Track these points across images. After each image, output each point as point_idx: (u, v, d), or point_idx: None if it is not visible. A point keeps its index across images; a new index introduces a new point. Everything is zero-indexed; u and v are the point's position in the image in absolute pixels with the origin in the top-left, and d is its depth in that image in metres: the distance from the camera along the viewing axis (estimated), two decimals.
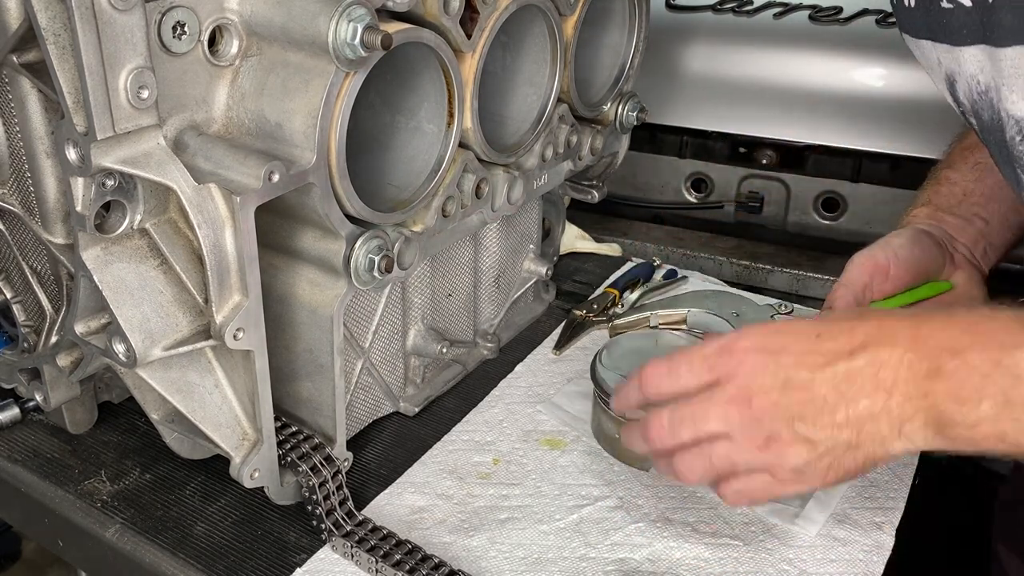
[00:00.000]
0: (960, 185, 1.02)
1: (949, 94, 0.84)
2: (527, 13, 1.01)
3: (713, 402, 0.76)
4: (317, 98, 0.78)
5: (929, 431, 0.69)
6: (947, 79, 0.82)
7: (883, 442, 0.71)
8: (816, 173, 1.57)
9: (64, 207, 0.85)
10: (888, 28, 1.51)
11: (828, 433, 0.72)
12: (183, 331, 0.79)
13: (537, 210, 1.25)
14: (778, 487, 0.76)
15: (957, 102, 0.83)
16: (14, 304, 0.96)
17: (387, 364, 1.07)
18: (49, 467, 0.99)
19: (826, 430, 0.72)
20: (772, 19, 1.59)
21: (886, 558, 0.89)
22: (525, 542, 0.91)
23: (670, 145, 1.66)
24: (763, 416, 0.74)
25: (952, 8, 0.76)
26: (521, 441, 1.05)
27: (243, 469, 0.86)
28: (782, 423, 0.73)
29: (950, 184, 1.03)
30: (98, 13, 0.67)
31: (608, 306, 1.29)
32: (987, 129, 0.79)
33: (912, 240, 0.95)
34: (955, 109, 0.86)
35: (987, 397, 0.66)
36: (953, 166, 1.04)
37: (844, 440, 0.72)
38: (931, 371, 0.68)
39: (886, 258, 0.93)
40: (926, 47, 0.84)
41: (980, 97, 0.77)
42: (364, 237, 0.87)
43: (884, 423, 0.71)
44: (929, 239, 0.97)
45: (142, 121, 0.73)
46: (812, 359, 0.72)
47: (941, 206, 1.02)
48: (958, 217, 1.00)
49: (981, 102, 0.78)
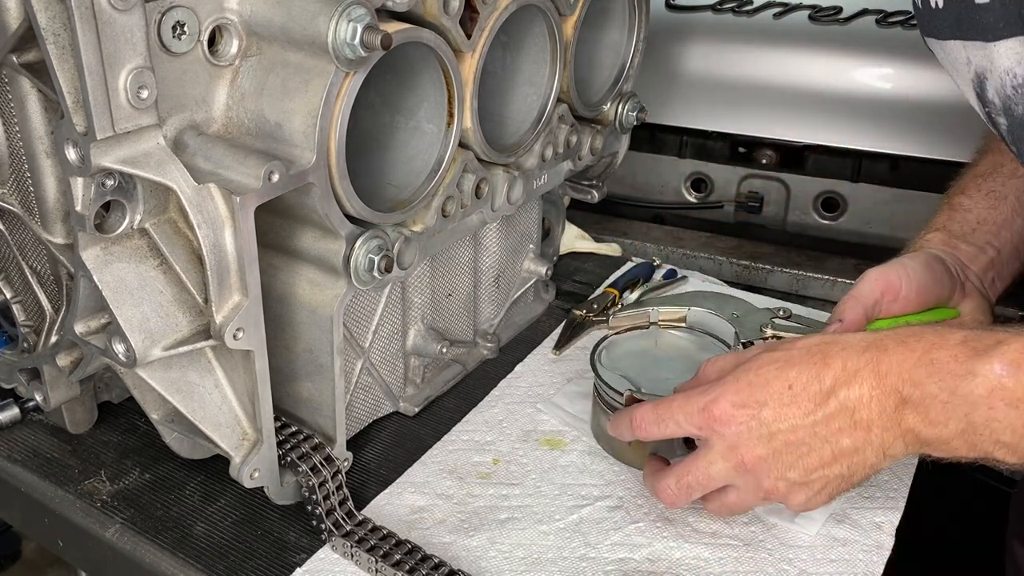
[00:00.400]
0: (974, 213, 1.03)
1: (976, 95, 0.85)
2: (527, 13, 1.01)
3: (712, 464, 0.83)
4: (317, 98, 0.78)
5: (910, 449, 0.77)
6: (976, 79, 0.83)
7: (873, 467, 0.79)
8: (816, 173, 1.57)
9: (64, 207, 0.85)
10: (888, 28, 1.51)
11: (820, 473, 0.80)
12: (183, 331, 0.79)
13: (537, 210, 1.25)
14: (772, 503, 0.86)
15: (984, 102, 0.84)
16: (14, 304, 0.96)
17: (387, 364, 1.07)
18: (49, 467, 0.99)
19: (817, 471, 0.80)
20: (772, 19, 1.59)
21: (886, 558, 0.89)
22: (525, 542, 0.91)
23: (670, 145, 1.66)
24: (757, 471, 0.81)
25: (988, 3, 0.77)
26: (521, 441, 1.05)
27: (243, 469, 0.86)
28: (775, 476, 0.81)
29: (964, 211, 1.03)
30: (98, 13, 0.67)
31: (608, 306, 1.29)
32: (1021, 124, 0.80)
33: (925, 265, 0.95)
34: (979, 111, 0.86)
35: (952, 419, 0.73)
36: (966, 192, 1.05)
37: (836, 474, 0.80)
38: (898, 403, 0.75)
39: (898, 278, 0.94)
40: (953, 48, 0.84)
41: (1016, 91, 0.79)
42: (364, 237, 0.87)
43: (870, 453, 0.78)
44: (941, 265, 0.97)
45: (142, 121, 0.73)
46: (790, 411, 0.79)
47: (955, 233, 1.02)
48: (971, 245, 1.01)
49: (1016, 96, 0.79)
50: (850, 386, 0.77)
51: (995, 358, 0.70)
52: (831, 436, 0.78)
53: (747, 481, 0.83)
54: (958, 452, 0.74)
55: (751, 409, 0.80)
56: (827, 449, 0.78)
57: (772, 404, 0.79)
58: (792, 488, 0.82)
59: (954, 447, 0.74)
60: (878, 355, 0.76)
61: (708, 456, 0.83)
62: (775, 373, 0.80)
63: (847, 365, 0.77)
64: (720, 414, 0.81)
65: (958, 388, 0.71)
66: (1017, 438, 0.70)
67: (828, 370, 0.78)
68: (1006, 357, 0.70)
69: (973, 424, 0.72)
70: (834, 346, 0.79)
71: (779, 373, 0.80)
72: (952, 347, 0.73)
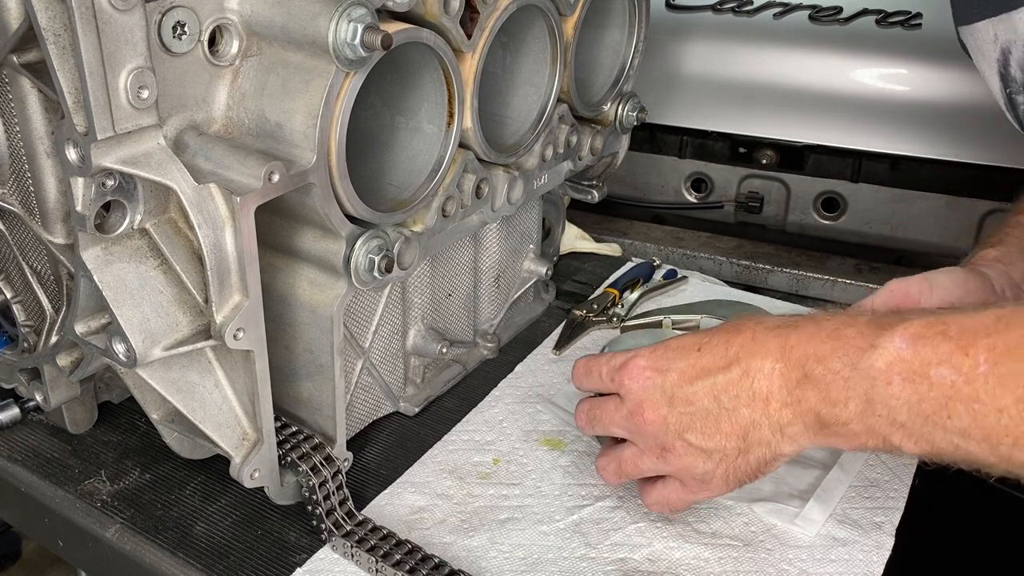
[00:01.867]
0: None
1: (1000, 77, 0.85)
2: (527, 13, 1.01)
3: (617, 413, 0.85)
4: (317, 98, 0.78)
5: (810, 432, 0.76)
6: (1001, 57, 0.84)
7: (769, 444, 0.78)
8: (816, 173, 1.57)
9: (64, 207, 0.85)
10: (888, 28, 1.51)
11: (716, 442, 0.80)
12: (183, 331, 0.79)
13: (537, 210, 1.25)
14: (690, 495, 0.85)
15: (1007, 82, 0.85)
16: (14, 304, 0.96)
17: (387, 364, 1.07)
18: (49, 467, 0.99)
19: (714, 439, 0.80)
20: (772, 19, 1.59)
21: (886, 558, 0.89)
22: (525, 542, 0.91)
23: (670, 145, 1.67)
24: (656, 429, 0.82)
25: None
26: (521, 441, 1.05)
27: (243, 469, 0.86)
28: (673, 435, 0.82)
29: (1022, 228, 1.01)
30: (98, 13, 0.67)
31: (608, 306, 1.29)
32: None
33: (958, 281, 0.92)
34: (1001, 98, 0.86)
35: (852, 398, 0.71)
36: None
37: (733, 447, 0.80)
38: (800, 379, 0.74)
39: (919, 291, 0.91)
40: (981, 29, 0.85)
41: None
42: (364, 237, 0.87)
43: (766, 429, 0.77)
44: (980, 282, 0.93)
45: (142, 121, 0.73)
46: (692, 373, 0.80)
47: (1011, 250, 0.99)
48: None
49: None
50: (754, 356, 0.77)
51: (897, 332, 0.69)
52: (730, 405, 0.78)
53: (645, 439, 0.84)
54: (859, 439, 0.73)
55: (659, 371, 0.82)
56: (725, 418, 0.79)
57: (679, 367, 0.81)
58: (690, 451, 0.81)
59: (854, 431, 0.72)
60: (787, 331, 0.76)
61: (618, 408, 0.85)
62: (690, 341, 0.82)
63: (756, 336, 0.78)
64: (631, 371, 0.84)
65: (859, 362, 0.70)
66: (913, 416, 0.68)
67: (737, 338, 0.79)
68: (908, 331, 0.69)
69: (872, 403, 0.70)
70: (749, 320, 0.80)
71: (694, 341, 0.82)
72: (860, 324, 0.72)
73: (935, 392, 0.66)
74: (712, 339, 0.81)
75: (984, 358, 0.65)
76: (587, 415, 0.90)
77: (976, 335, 0.66)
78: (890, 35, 1.50)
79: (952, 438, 0.67)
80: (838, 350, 0.72)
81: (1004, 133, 1.41)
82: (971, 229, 1.49)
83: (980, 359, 0.65)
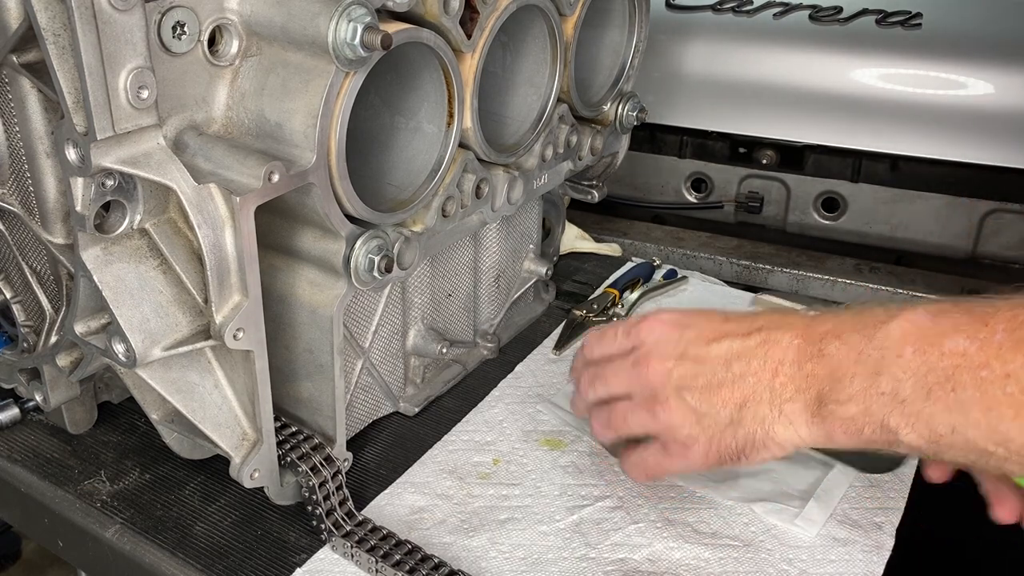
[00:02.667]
0: None
1: None
2: (527, 13, 1.01)
3: (621, 365, 0.85)
4: (317, 98, 0.78)
5: (807, 412, 0.74)
6: None
7: (763, 421, 0.77)
8: (816, 173, 1.57)
9: (64, 207, 0.85)
10: (888, 28, 1.52)
11: (711, 407, 0.79)
12: (183, 331, 0.79)
13: (537, 210, 1.25)
14: (668, 459, 0.83)
15: None
16: (14, 304, 0.96)
17: (387, 364, 1.07)
18: (49, 467, 0.99)
19: (709, 403, 0.79)
20: (772, 19, 1.59)
21: (886, 558, 0.89)
22: (525, 542, 0.91)
23: (670, 145, 1.67)
24: (655, 381, 0.81)
25: None
26: (521, 441, 1.05)
27: (243, 469, 0.86)
28: (670, 389, 0.81)
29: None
30: (98, 13, 0.67)
31: (608, 306, 1.29)
32: None
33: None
34: None
35: (859, 374, 0.71)
36: None
37: (725, 416, 0.78)
38: (814, 354, 0.74)
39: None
40: None
41: None
42: (364, 237, 0.87)
43: (765, 403, 0.76)
44: None
45: (142, 121, 0.73)
46: (711, 335, 0.80)
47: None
48: None
49: None
50: (778, 329, 0.77)
51: (921, 306, 0.70)
52: (739, 371, 0.77)
53: (641, 391, 0.83)
54: (854, 424, 0.71)
55: (679, 327, 0.82)
56: (727, 386, 0.78)
57: (701, 326, 0.81)
58: (682, 409, 0.80)
59: (850, 413, 0.71)
60: (817, 314, 0.77)
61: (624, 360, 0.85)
62: (718, 312, 0.83)
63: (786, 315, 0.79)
64: (651, 323, 0.84)
65: (876, 333, 0.70)
66: (916, 390, 0.67)
67: (766, 315, 0.80)
68: (933, 307, 0.69)
69: (878, 377, 0.69)
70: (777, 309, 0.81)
71: (722, 312, 0.83)
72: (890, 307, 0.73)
73: (944, 362, 0.66)
74: (740, 314, 0.81)
75: (1003, 327, 0.65)
76: (591, 374, 0.88)
77: (999, 309, 0.66)
78: (890, 35, 1.50)
79: (952, 418, 0.66)
80: (858, 324, 0.72)
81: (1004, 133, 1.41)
82: (971, 229, 1.49)
83: (999, 328, 0.65)
